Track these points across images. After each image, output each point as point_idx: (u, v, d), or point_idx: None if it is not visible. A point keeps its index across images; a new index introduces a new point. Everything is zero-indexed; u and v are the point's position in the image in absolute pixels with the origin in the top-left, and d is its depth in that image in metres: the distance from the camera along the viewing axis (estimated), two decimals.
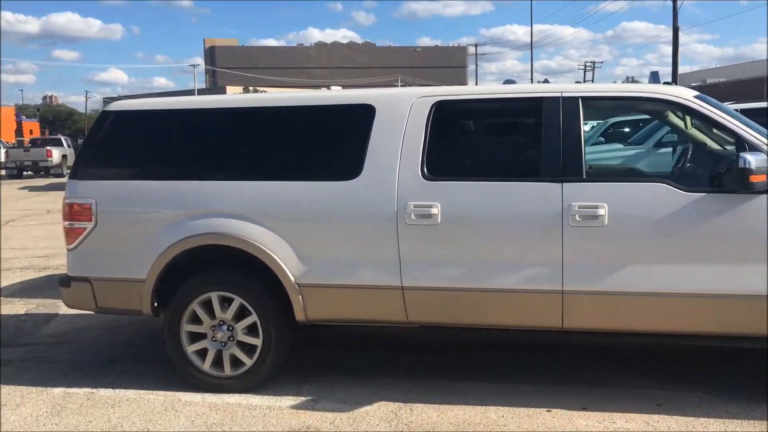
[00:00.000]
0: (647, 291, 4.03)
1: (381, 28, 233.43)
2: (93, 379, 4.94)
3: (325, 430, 4.04)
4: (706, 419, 4.01)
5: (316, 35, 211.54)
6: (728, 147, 4.49)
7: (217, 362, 4.65)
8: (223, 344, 4.63)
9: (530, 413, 4.18)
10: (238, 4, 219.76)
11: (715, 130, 4.33)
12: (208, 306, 4.64)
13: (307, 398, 4.51)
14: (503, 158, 4.51)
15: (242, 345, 4.62)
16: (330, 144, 4.58)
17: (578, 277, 4.11)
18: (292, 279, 4.46)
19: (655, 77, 6.23)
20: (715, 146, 4.83)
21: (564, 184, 4.12)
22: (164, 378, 4.85)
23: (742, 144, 3.98)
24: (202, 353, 4.67)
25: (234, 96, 5.28)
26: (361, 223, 4.38)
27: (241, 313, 4.61)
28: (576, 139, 4.17)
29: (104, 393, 4.70)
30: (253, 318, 4.57)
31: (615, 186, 4.14)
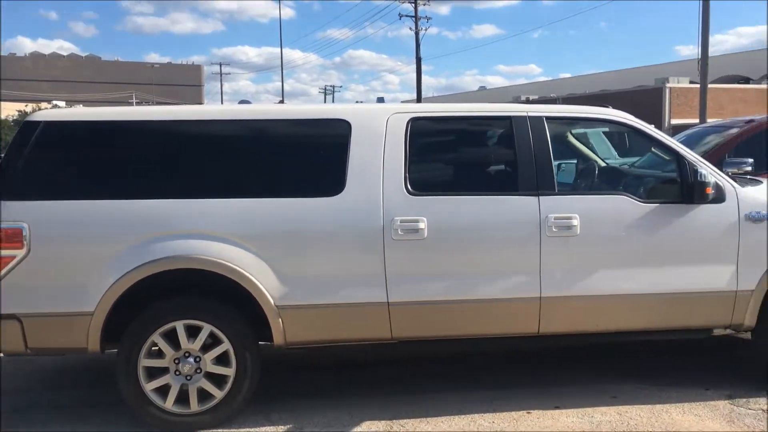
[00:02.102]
0: (615, 293, 4.44)
1: (103, 42, 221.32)
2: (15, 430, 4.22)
3: None
4: (663, 405, 4.50)
5: (27, 45, 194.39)
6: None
7: (181, 398, 4.23)
8: (188, 378, 4.23)
9: (515, 417, 4.38)
10: None
11: (653, 148, 4.90)
12: (171, 337, 4.21)
13: (288, 426, 4.28)
14: (482, 173, 4.69)
15: (211, 376, 4.26)
16: (308, 159, 4.42)
17: (554, 283, 4.41)
18: (272, 301, 4.22)
19: (380, 101, 6.85)
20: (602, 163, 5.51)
21: (540, 197, 4.40)
22: (104, 422, 4.31)
23: (682, 161, 4.57)
24: (164, 390, 4.22)
25: (201, 107, 4.84)
26: (345, 240, 4.28)
27: (211, 342, 4.25)
28: (546, 154, 4.48)
29: None
30: (225, 346, 4.24)
31: (584, 198, 4.52)
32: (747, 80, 47.76)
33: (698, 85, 24.56)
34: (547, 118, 4.60)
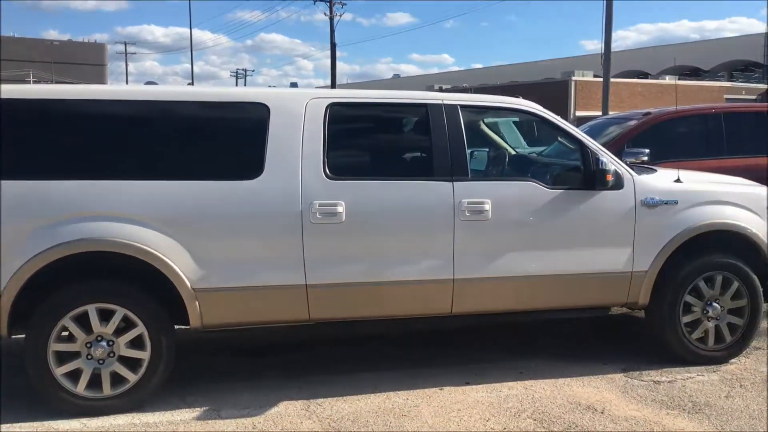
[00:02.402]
0: (523, 274, 4.68)
1: None
2: None
3: None
4: (565, 378, 4.79)
5: None
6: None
7: (93, 383, 4.17)
8: (101, 362, 4.17)
9: (428, 393, 4.55)
10: None
11: (560, 137, 5.15)
12: (82, 320, 4.13)
13: (205, 408, 4.29)
14: (399, 158, 4.81)
15: (125, 360, 4.21)
16: (226, 142, 4.41)
17: (467, 266, 4.59)
18: (189, 284, 4.21)
19: (294, 87, 6.96)
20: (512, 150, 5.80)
21: (454, 182, 4.57)
22: (10, 409, 4.18)
23: (585, 150, 4.84)
24: (75, 374, 4.14)
25: (115, 87, 4.70)
26: (263, 223, 4.32)
27: (125, 326, 4.20)
28: (460, 141, 4.65)
29: None
30: (139, 329, 4.20)
31: (496, 184, 4.73)
32: (646, 75, 50.28)
33: (601, 79, 25.68)
34: (461, 106, 4.76)
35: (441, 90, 43.11)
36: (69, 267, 4.11)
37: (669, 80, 39.54)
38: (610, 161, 4.79)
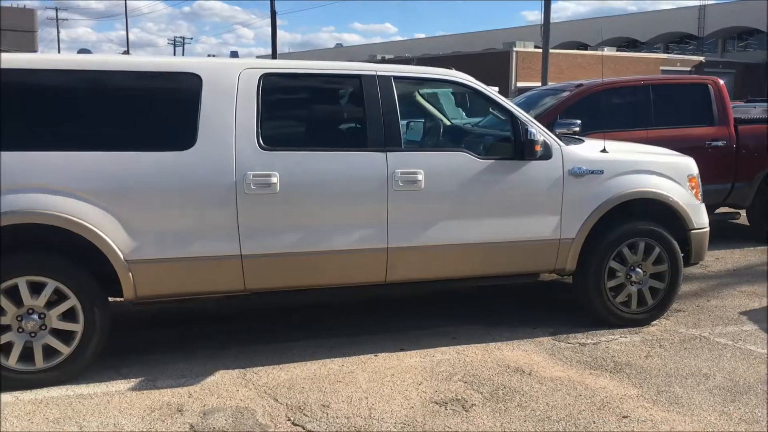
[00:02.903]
0: (455, 243, 4.80)
1: None
2: None
3: (191, 406, 3.96)
4: (496, 343, 4.96)
5: None
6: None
7: (25, 356, 4.13)
8: (32, 335, 4.13)
9: (363, 359, 4.66)
10: None
11: (491, 108, 5.26)
12: (12, 294, 4.08)
13: (140, 379, 4.30)
14: (333, 129, 4.85)
15: (57, 333, 4.19)
16: (157, 113, 4.36)
17: (401, 235, 4.69)
18: (121, 256, 4.20)
19: (234, 56, 6.92)
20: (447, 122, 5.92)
21: (388, 153, 4.64)
22: None
23: (515, 121, 4.96)
24: (6, 348, 4.10)
25: (45, 55, 4.55)
26: (197, 194, 4.31)
27: (57, 298, 4.16)
28: (393, 112, 4.71)
29: None
30: (71, 302, 4.18)
31: (428, 155, 4.82)
32: (585, 46, 51.12)
33: (541, 50, 26.04)
34: (395, 77, 4.82)
35: (384, 60, 43.00)
36: None
37: (607, 52, 40.35)
38: (539, 132, 4.93)
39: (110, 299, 4.38)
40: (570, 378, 4.36)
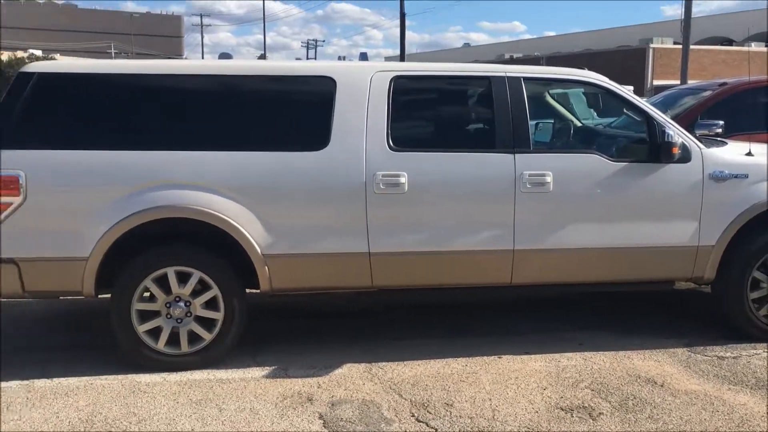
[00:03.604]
0: (583, 247, 4.70)
1: None
2: (14, 372, 4.43)
3: (320, 396, 4.13)
4: (626, 351, 4.81)
5: None
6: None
7: (172, 340, 4.47)
8: (179, 321, 4.46)
9: (486, 361, 4.66)
10: None
11: (625, 109, 5.11)
12: (162, 282, 4.42)
13: (274, 368, 4.53)
14: (461, 131, 4.90)
15: (201, 320, 4.49)
16: (294, 115, 4.58)
17: (527, 237, 4.65)
18: (259, 250, 4.43)
19: (363, 57, 6.91)
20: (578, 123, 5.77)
21: (516, 154, 4.62)
22: (97, 362, 4.54)
23: (651, 122, 4.79)
24: (155, 332, 4.45)
25: (190, 61, 4.95)
26: (329, 193, 4.48)
27: (200, 288, 4.47)
28: (523, 113, 4.68)
29: (41, 384, 4.27)
30: (213, 292, 4.46)
31: (557, 156, 4.75)
32: (730, 42, 47.94)
33: (680, 46, 24.72)
34: (525, 78, 4.78)
35: (512, 59, 42.37)
36: (147, 232, 4.39)
37: (755, 47, 37.66)
38: (677, 133, 4.73)
39: (247, 291, 4.64)
40: (706, 392, 4.16)
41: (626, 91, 4.95)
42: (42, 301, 5.74)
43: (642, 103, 4.92)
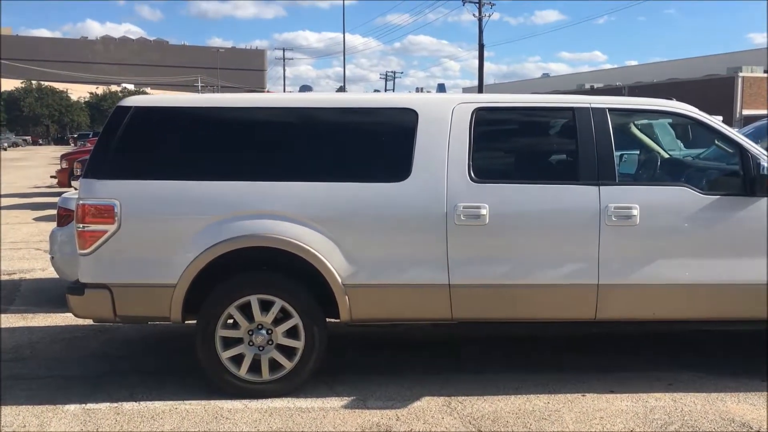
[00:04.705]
0: (671, 282, 4.52)
1: (168, 26, 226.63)
2: (105, 393, 4.60)
3: (398, 428, 4.10)
4: (718, 393, 4.57)
5: (96, 29, 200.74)
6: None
7: (254, 367, 4.54)
8: (261, 348, 4.53)
9: (569, 398, 4.52)
10: None
11: (716, 140, 4.94)
12: (245, 310, 4.51)
13: (352, 398, 4.53)
14: (544, 162, 4.84)
15: (282, 348, 4.55)
16: (376, 146, 4.64)
17: (612, 271, 4.52)
18: (339, 280, 4.47)
19: (441, 89, 6.80)
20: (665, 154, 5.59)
21: (601, 187, 4.52)
22: (182, 387, 4.65)
23: (745, 153, 4.60)
24: (237, 359, 4.53)
25: (274, 95, 5.14)
26: (411, 224, 4.49)
27: (282, 316, 4.53)
28: (608, 145, 4.59)
29: (129, 407, 4.41)
30: (294, 320, 4.52)
31: (645, 189, 4.62)
32: None
33: None
34: (610, 109, 4.70)
35: (593, 89, 41.68)
36: (232, 261, 4.50)
37: None
38: None
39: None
40: None
41: (716, 122, 4.78)
42: (132, 325, 5.95)
43: (734, 133, 4.74)
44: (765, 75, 33.65)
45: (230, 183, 4.48)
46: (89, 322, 4.99)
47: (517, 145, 4.92)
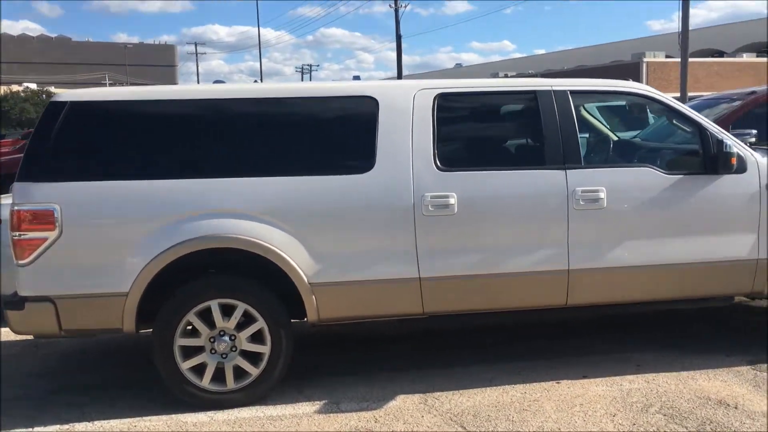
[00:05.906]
0: (641, 264, 4.52)
1: (69, 22, 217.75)
2: (52, 415, 4.19)
3: (378, 430, 3.91)
4: (688, 372, 4.61)
5: None
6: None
7: (217, 376, 4.24)
8: (224, 356, 4.24)
9: (545, 387, 4.46)
10: None
11: (675, 120, 4.97)
12: (205, 316, 4.21)
13: (324, 402, 4.31)
14: (510, 148, 4.73)
15: (246, 354, 4.27)
16: (337, 137, 4.41)
17: (582, 256, 4.47)
18: (305, 279, 4.23)
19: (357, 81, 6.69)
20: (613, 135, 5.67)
21: (567, 170, 4.45)
22: (137, 402, 4.31)
23: (705, 133, 4.63)
24: (200, 368, 4.23)
25: (225, 86, 4.78)
26: (377, 217, 4.30)
27: (245, 320, 4.26)
28: (571, 127, 4.52)
29: (82, 428, 4.03)
30: (259, 324, 4.25)
31: (610, 171, 4.58)
32: (721, 54, 48.23)
33: (674, 60, 24.83)
34: (572, 91, 4.63)
35: (506, 77, 42.45)
36: (188, 264, 4.18)
37: (747, 58, 37.92)
38: (734, 143, 4.58)
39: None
40: None
41: (675, 101, 4.81)
42: (71, 338, 5.50)
43: (693, 113, 4.77)
44: (668, 60, 35.12)
45: (183, 181, 4.15)
46: (25, 337, 4.56)
47: (481, 130, 4.79)
